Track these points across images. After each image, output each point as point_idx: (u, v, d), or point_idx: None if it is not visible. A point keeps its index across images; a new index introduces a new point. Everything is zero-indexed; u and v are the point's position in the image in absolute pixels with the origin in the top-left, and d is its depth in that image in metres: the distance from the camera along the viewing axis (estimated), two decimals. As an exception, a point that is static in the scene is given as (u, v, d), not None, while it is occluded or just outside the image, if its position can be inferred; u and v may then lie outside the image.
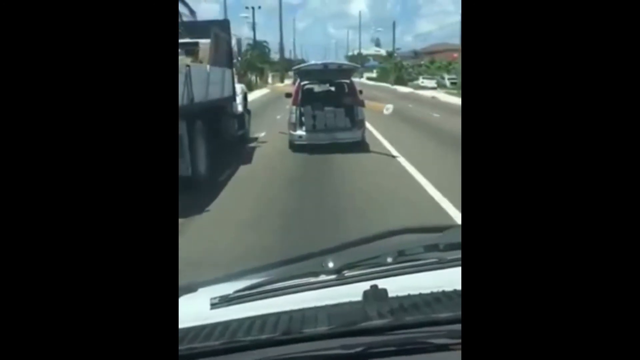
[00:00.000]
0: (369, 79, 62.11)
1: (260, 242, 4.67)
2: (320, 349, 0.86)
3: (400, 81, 50.43)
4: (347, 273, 0.97)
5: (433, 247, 1.01)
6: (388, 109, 10.87)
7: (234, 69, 10.56)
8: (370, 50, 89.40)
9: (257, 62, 40.96)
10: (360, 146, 9.78)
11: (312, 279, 0.98)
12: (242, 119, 11.18)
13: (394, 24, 61.21)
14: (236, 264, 1.23)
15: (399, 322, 0.91)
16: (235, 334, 0.93)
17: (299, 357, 0.86)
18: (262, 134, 12.47)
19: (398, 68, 56.06)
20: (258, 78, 40.88)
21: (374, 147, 10.18)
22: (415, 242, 1.05)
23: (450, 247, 0.99)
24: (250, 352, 0.88)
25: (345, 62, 19.71)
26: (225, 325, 0.97)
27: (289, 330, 0.92)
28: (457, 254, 0.97)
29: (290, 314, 0.99)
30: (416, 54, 66.83)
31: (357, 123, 9.93)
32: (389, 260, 0.99)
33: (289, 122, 10.05)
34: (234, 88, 10.12)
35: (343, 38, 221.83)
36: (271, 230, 5.20)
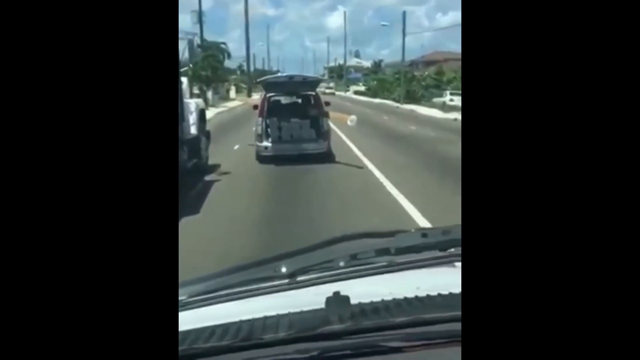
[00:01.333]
0: (357, 93, 50.42)
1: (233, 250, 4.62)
2: (276, 355, 0.87)
3: (412, 98, 35.13)
4: (299, 277, 0.98)
5: (384, 251, 1.02)
6: (352, 120, 10.94)
7: (183, 80, 8.25)
8: (351, 61, 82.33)
9: (205, 70, 29.30)
10: (326, 157, 9.80)
11: (265, 284, 0.98)
12: (197, 145, 8.66)
13: (404, 15, 40.74)
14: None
15: (357, 326, 0.93)
16: (195, 341, 0.93)
17: None
18: (236, 147, 11.69)
19: (408, 80, 38.23)
20: (210, 92, 29.62)
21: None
22: (368, 246, 1.06)
23: (400, 251, 1.01)
24: (208, 358, 0.88)
25: (312, 74, 19.45)
26: (183, 333, 0.95)
27: (249, 336, 0.92)
28: (407, 258, 1.00)
29: (250, 319, 1.00)
30: (412, 64, 49.98)
31: (322, 134, 10.07)
32: (342, 264, 1.00)
33: (255, 134, 10.11)
34: (182, 105, 7.66)
35: (320, 50, 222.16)
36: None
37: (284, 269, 0.97)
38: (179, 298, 0.96)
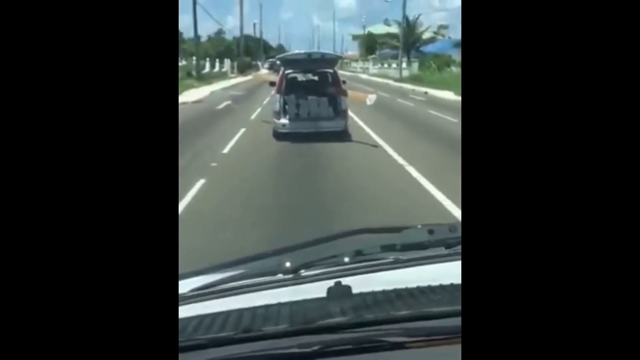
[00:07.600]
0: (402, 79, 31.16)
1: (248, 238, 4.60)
2: (277, 348, 0.86)
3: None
4: (303, 272, 0.97)
5: (390, 247, 1.02)
6: (371, 99, 10.73)
7: None
8: (379, 29, 59.97)
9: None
10: (343, 136, 9.73)
11: (269, 278, 0.97)
12: None
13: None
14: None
15: (358, 319, 0.91)
16: (195, 333, 0.92)
17: (255, 356, 0.85)
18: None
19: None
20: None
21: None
22: (374, 242, 1.06)
23: (406, 247, 1.01)
24: (207, 350, 0.87)
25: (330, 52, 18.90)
26: (184, 324, 0.94)
27: (249, 328, 0.91)
28: (413, 254, 0.99)
29: (251, 311, 0.98)
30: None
31: (340, 112, 9.94)
32: (346, 259, 1.00)
33: (273, 111, 10.04)
34: None
35: (328, 29, 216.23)
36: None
37: (287, 264, 0.97)
38: (180, 292, 0.95)
